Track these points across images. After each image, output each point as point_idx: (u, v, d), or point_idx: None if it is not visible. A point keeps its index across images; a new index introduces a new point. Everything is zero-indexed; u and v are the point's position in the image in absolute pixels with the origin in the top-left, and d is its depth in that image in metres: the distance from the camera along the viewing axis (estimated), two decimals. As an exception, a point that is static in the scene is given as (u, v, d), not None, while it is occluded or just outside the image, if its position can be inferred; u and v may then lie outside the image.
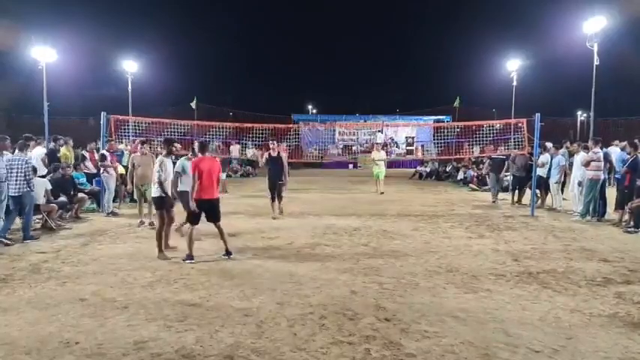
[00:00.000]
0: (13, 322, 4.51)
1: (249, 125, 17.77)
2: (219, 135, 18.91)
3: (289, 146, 17.93)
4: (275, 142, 10.79)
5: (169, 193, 7.18)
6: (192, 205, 6.66)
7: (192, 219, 6.81)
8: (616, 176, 10.46)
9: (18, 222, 8.89)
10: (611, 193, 10.65)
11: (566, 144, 13.25)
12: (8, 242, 7.69)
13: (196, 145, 7.61)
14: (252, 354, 3.88)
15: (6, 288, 5.52)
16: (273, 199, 10.51)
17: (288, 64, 66.76)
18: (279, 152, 10.60)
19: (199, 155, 7.03)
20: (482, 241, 8.24)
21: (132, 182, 9.59)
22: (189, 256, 6.65)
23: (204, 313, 4.74)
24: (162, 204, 7.13)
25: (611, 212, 10.30)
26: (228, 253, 6.90)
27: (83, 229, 9.12)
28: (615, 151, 11.81)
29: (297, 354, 3.89)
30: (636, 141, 10.08)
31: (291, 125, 23.39)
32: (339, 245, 7.85)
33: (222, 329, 4.36)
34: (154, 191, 7.25)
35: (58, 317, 4.63)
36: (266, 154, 10.76)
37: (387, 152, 22.03)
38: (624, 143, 11.77)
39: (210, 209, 6.85)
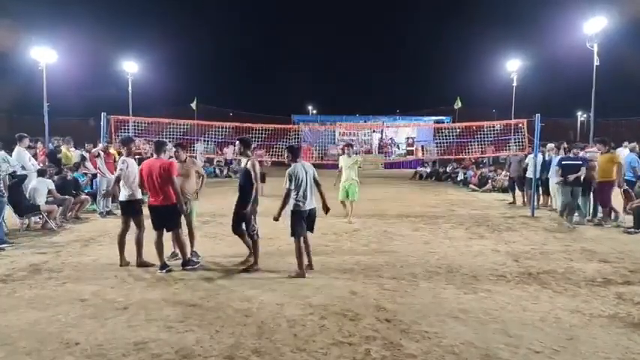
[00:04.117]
0: (13, 323, 4.51)
1: (248, 125, 17.56)
2: (221, 135, 18.87)
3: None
4: (239, 144, 6.40)
5: (137, 197, 6.51)
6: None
7: (153, 223, 6.28)
8: (627, 178, 10.20)
9: (18, 222, 8.91)
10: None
11: (562, 145, 13.17)
12: None
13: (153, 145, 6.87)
14: (253, 354, 3.88)
15: (6, 288, 5.52)
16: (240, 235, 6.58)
17: (289, 65, 66.73)
18: (248, 161, 6.25)
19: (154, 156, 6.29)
20: (482, 241, 8.24)
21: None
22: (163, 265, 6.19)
23: (205, 314, 4.74)
24: (128, 209, 6.50)
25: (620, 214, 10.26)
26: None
27: (83, 230, 9.11)
28: (624, 153, 11.70)
29: (297, 354, 3.89)
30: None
31: (291, 125, 23.27)
32: (340, 246, 7.85)
33: (223, 330, 4.36)
34: (122, 195, 6.54)
35: (58, 318, 4.63)
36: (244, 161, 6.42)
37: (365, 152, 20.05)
38: (634, 144, 11.66)
39: (157, 217, 6.22)
